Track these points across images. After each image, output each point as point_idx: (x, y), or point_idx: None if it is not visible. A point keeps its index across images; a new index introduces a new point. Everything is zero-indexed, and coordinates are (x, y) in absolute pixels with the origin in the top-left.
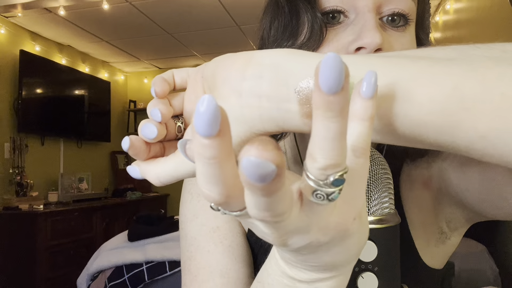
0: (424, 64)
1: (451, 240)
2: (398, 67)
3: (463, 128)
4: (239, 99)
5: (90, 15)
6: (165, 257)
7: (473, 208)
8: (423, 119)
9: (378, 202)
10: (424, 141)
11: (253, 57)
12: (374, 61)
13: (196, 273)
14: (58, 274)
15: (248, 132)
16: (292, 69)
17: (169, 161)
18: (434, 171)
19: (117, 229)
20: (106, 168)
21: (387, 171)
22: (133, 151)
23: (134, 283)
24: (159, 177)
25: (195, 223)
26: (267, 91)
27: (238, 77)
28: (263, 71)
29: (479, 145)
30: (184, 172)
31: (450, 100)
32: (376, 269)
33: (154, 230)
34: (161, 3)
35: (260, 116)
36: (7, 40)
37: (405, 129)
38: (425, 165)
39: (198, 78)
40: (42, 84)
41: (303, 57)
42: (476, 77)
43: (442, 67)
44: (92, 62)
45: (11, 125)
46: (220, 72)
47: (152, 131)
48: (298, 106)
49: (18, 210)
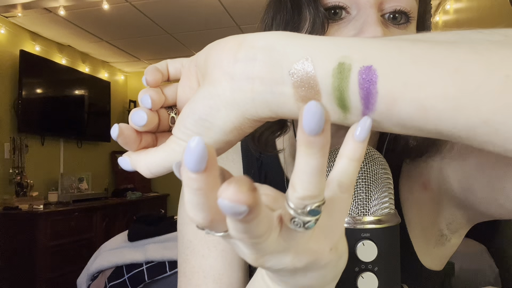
0: (425, 46)
1: (451, 242)
2: (398, 50)
3: (465, 112)
4: (231, 83)
5: (90, 15)
6: (165, 257)
7: (475, 207)
8: (423, 103)
9: (378, 202)
10: (424, 127)
11: (245, 39)
12: (374, 44)
13: (191, 277)
14: (58, 274)
15: (241, 117)
16: (286, 51)
17: (160, 150)
18: (433, 172)
19: (117, 229)
20: (106, 168)
21: (387, 171)
22: (122, 140)
23: (134, 283)
24: (149, 167)
25: (191, 226)
26: (260, 73)
27: (230, 60)
28: (256, 53)
29: (481, 130)
30: (177, 160)
31: (452, 83)
32: (376, 269)
33: (154, 230)
34: (161, 3)
35: (253, 100)
36: (7, 40)
37: (404, 114)
38: (423, 165)
39: (192, 67)
40: (42, 84)
41: (298, 39)
42: (479, 59)
43: (443, 50)
44: (92, 62)
45: (11, 125)
46: (211, 56)
47: (142, 117)
48: (293, 89)
49: (18, 210)
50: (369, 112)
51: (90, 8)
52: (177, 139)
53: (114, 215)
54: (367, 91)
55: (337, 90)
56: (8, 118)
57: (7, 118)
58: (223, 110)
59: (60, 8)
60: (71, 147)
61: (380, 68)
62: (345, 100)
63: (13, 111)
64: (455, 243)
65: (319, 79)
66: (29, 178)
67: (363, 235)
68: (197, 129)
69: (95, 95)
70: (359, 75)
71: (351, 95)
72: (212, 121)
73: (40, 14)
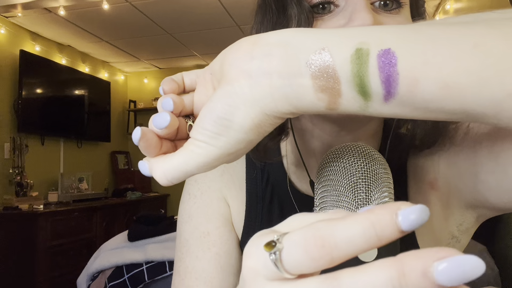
0: (440, 27)
1: (461, 243)
2: (414, 31)
3: (489, 86)
4: (248, 80)
5: (90, 15)
6: (165, 257)
7: (486, 199)
8: (445, 81)
9: (378, 202)
10: (448, 107)
11: (259, 38)
12: (388, 29)
13: (184, 276)
14: (58, 274)
15: (260, 114)
16: (301, 44)
17: (178, 154)
18: (440, 170)
19: (117, 229)
20: (106, 168)
21: (387, 170)
22: (144, 143)
23: (134, 283)
24: (166, 174)
25: (189, 225)
26: (278, 67)
27: (246, 58)
28: (272, 49)
29: (507, 104)
30: (193, 165)
31: (473, 57)
32: None
33: (154, 230)
34: (161, 3)
35: (272, 95)
36: (7, 40)
37: (427, 94)
38: (430, 163)
39: (207, 76)
40: (42, 84)
41: (311, 32)
42: (497, 34)
43: (459, 28)
44: (92, 62)
45: (11, 125)
46: (227, 59)
47: (165, 118)
48: (311, 80)
49: (18, 210)
50: (391, 97)
51: (90, 8)
52: (196, 140)
53: (114, 215)
54: (388, 73)
55: (357, 76)
56: (8, 118)
57: (7, 118)
58: (242, 107)
59: (60, 8)
60: (71, 147)
61: (399, 50)
62: (365, 86)
63: (13, 111)
64: (464, 244)
65: (337, 67)
66: (29, 178)
67: None
68: (216, 129)
69: (95, 95)
70: (378, 59)
71: (371, 80)
72: (231, 119)
73: (40, 14)
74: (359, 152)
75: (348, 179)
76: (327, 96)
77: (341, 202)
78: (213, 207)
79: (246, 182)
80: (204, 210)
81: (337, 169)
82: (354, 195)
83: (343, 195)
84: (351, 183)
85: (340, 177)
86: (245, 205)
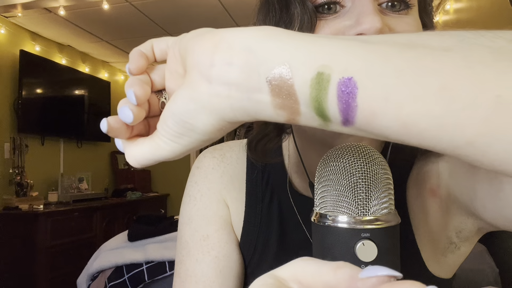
0: (413, 56)
1: (460, 250)
2: (382, 60)
3: (449, 133)
4: (208, 87)
5: (90, 15)
6: (165, 257)
7: (483, 218)
8: (404, 121)
9: (378, 202)
10: (406, 142)
11: (222, 39)
12: (357, 52)
13: (184, 279)
14: (58, 274)
15: (221, 121)
16: (264, 56)
17: (147, 143)
18: (443, 178)
19: (117, 229)
20: (106, 168)
21: (387, 171)
22: (113, 134)
23: (134, 283)
24: (137, 159)
25: (189, 227)
26: (237, 79)
27: (207, 63)
28: (233, 57)
29: (466, 151)
30: (160, 155)
31: (436, 101)
32: None
33: (154, 230)
34: (161, 3)
35: (231, 106)
36: (7, 40)
37: (385, 129)
38: (434, 168)
39: (176, 51)
40: (42, 84)
41: (279, 39)
42: (470, 75)
43: (431, 62)
44: (92, 62)
45: (11, 125)
46: (191, 53)
47: (128, 115)
48: (270, 97)
49: (18, 210)
50: (349, 124)
51: (90, 8)
52: (161, 136)
53: (114, 215)
54: (346, 104)
55: (315, 101)
56: (8, 118)
57: (7, 118)
58: (202, 114)
59: (60, 8)
60: (71, 147)
61: (361, 80)
62: (324, 111)
63: (13, 111)
64: (465, 252)
65: (296, 87)
66: (29, 178)
67: (363, 235)
68: (178, 130)
69: (95, 95)
70: (338, 87)
71: (329, 107)
72: (193, 123)
73: (40, 14)
74: (359, 152)
75: (348, 179)
76: (286, 113)
77: (341, 202)
78: (213, 210)
79: (246, 183)
80: (204, 213)
81: (337, 169)
82: (354, 195)
83: (343, 195)
84: (351, 183)
85: (340, 177)
86: (244, 206)
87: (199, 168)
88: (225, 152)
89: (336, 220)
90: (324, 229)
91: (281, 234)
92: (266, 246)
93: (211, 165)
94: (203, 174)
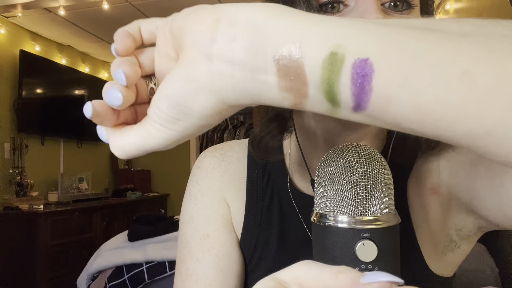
0: (432, 41)
1: (460, 248)
2: (401, 44)
3: (467, 121)
4: (208, 65)
5: (90, 15)
6: (165, 257)
7: (484, 216)
8: (420, 107)
9: (378, 202)
10: (420, 131)
11: (224, 14)
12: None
13: (185, 278)
14: (58, 274)
15: (221, 103)
16: (271, 32)
17: (136, 132)
18: (443, 177)
19: (117, 229)
20: (106, 168)
21: (387, 171)
22: (97, 120)
23: (134, 283)
24: (124, 149)
25: (190, 226)
26: (241, 57)
27: (207, 38)
28: (237, 33)
29: (483, 141)
30: (152, 145)
31: (457, 87)
32: (376, 269)
33: (154, 230)
34: (161, 3)
35: (233, 88)
36: (7, 40)
37: (399, 115)
38: (435, 167)
39: (167, 33)
40: (42, 84)
41: (287, 18)
42: (492, 62)
43: (452, 46)
44: (92, 62)
45: (11, 125)
46: (187, 30)
47: (117, 97)
48: (277, 78)
49: (18, 210)
50: (360, 109)
51: (90, 8)
52: (153, 122)
53: (114, 215)
54: (360, 87)
55: (326, 83)
56: (8, 118)
57: (7, 118)
58: (201, 95)
59: (60, 8)
60: (71, 147)
61: (378, 62)
62: (334, 95)
63: (13, 111)
64: (465, 250)
65: (306, 69)
66: (29, 178)
67: (363, 235)
68: (173, 114)
69: (95, 95)
70: (352, 69)
71: (341, 90)
72: (190, 106)
73: (40, 14)
74: (359, 152)
75: (348, 179)
76: (293, 96)
77: (341, 202)
78: (213, 209)
79: (246, 182)
80: (204, 212)
81: (337, 169)
82: (354, 195)
83: (343, 195)
84: (351, 183)
85: (340, 177)
86: (245, 205)
87: (200, 167)
88: (226, 152)
89: (336, 220)
90: (324, 229)
91: (281, 232)
92: (266, 244)
93: (212, 165)
94: (204, 173)
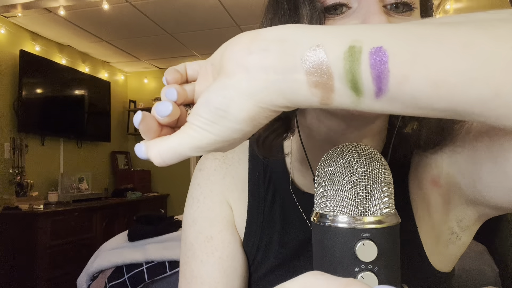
0: (431, 26)
1: (461, 240)
2: (405, 31)
3: (476, 86)
4: (246, 74)
5: (90, 15)
6: (165, 257)
7: (487, 201)
8: (434, 79)
9: (378, 202)
10: (437, 105)
11: (258, 33)
12: (381, 28)
13: (190, 280)
14: (58, 274)
15: (255, 107)
16: (297, 40)
17: (175, 136)
18: (443, 168)
19: (117, 229)
20: (106, 168)
21: (387, 170)
22: (143, 127)
23: (134, 283)
24: (161, 154)
25: (193, 229)
26: (274, 62)
27: (245, 52)
28: (269, 45)
29: (493, 103)
30: (188, 147)
31: (461, 57)
32: (376, 269)
33: (154, 230)
34: (161, 3)
35: (267, 89)
36: (7, 40)
37: (416, 91)
38: (433, 161)
39: (208, 67)
40: (42, 84)
41: (307, 29)
42: (486, 33)
43: (449, 27)
44: (92, 62)
45: (11, 125)
46: (226, 52)
47: (167, 107)
48: (305, 75)
49: (18, 210)
50: (382, 93)
51: (90, 8)
52: (192, 124)
53: (114, 215)
54: (379, 70)
55: (349, 73)
56: (8, 118)
57: (7, 118)
58: (237, 100)
59: (60, 8)
60: (71, 147)
61: (390, 48)
62: (357, 82)
63: (13, 111)
64: (465, 242)
65: (331, 63)
66: (29, 178)
67: (363, 235)
68: (211, 118)
69: (95, 95)
70: (370, 56)
71: (363, 77)
72: (226, 110)
73: (40, 14)
74: (359, 152)
75: (348, 179)
76: (321, 91)
77: (341, 202)
78: (216, 211)
79: (248, 183)
80: (207, 214)
81: (337, 169)
82: (354, 195)
83: (343, 195)
84: (351, 183)
85: (340, 177)
86: (247, 206)
87: (202, 170)
88: (226, 154)
89: (336, 220)
90: (324, 229)
91: (284, 232)
92: (269, 244)
93: (213, 167)
94: (206, 176)
